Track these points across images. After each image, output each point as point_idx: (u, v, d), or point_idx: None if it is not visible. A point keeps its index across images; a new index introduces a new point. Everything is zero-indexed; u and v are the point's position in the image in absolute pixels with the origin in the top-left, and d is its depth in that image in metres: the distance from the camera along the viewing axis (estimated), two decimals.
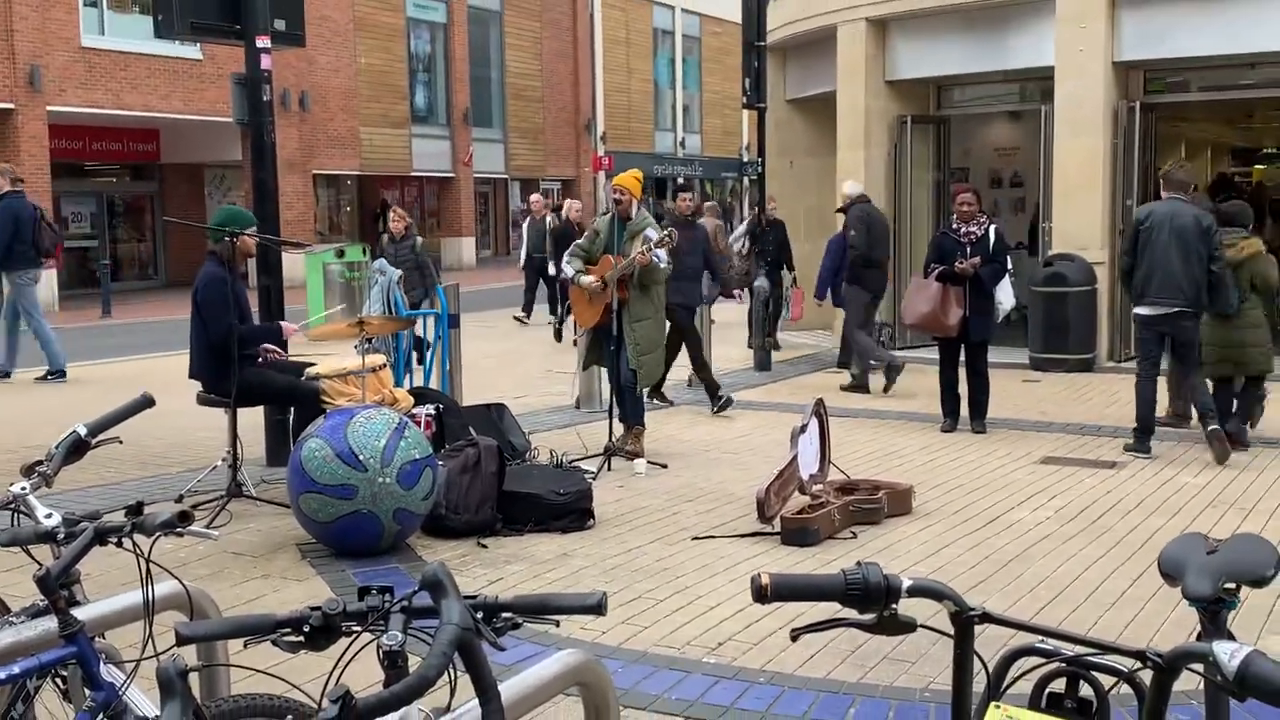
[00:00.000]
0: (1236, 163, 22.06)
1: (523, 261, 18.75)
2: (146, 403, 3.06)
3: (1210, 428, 8.01)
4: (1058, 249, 12.58)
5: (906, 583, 1.68)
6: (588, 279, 8.23)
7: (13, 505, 2.72)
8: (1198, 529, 4.45)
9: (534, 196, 19.86)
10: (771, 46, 14.94)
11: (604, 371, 8.93)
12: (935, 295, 9.08)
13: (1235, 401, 8.68)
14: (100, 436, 2.92)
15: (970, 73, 13.92)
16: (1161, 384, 8.65)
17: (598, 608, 1.88)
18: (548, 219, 17.78)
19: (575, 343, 10.14)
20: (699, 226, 10.96)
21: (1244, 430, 8.57)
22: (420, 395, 7.91)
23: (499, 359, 14.06)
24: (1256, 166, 21.85)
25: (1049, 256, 12.65)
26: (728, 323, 15.60)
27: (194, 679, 2.16)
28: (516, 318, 18.48)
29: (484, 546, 6.22)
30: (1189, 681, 1.90)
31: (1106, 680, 1.79)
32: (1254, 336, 8.46)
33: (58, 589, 2.36)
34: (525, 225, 18.77)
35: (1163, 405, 8.96)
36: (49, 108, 22.94)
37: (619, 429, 8.31)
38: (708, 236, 11.31)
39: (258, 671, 2.21)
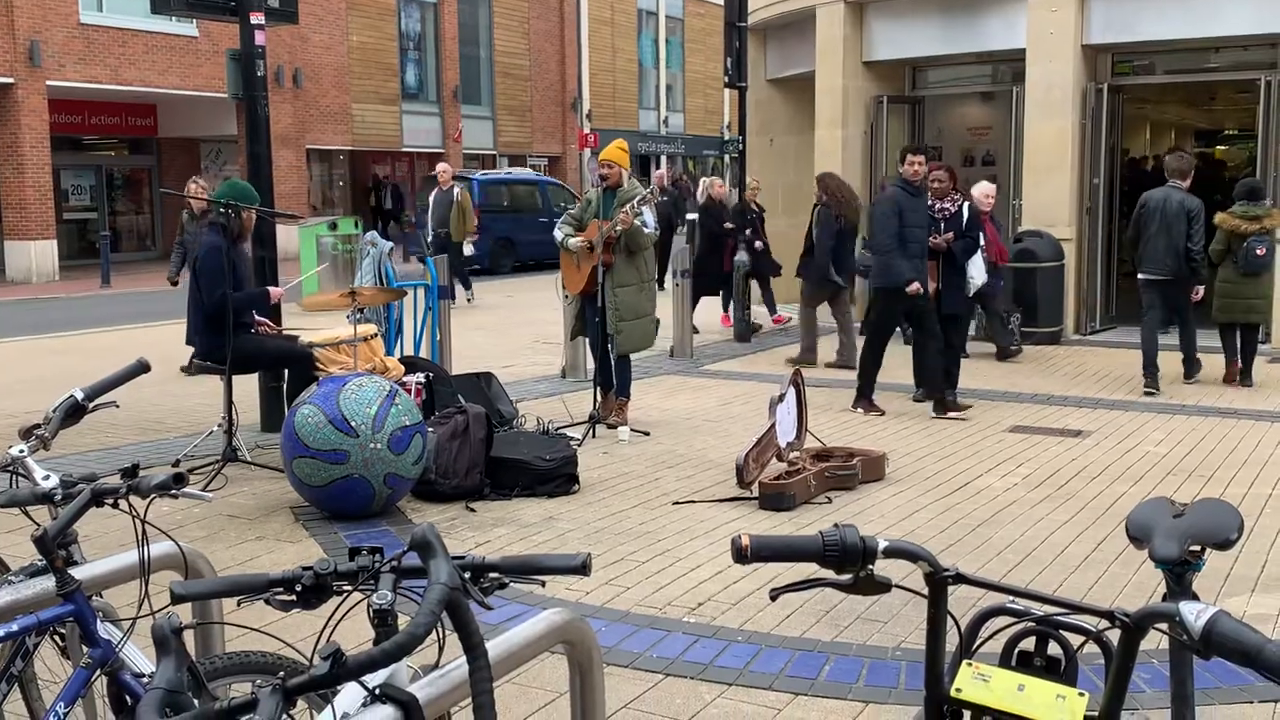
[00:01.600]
0: (1199, 143, 22.08)
1: (430, 239, 15.95)
2: (142, 368, 3.02)
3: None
4: (1027, 225, 12.58)
5: (883, 544, 1.67)
6: (575, 240, 8.18)
7: (11, 467, 2.69)
8: (1160, 495, 4.47)
9: (441, 166, 16.32)
10: (753, 27, 14.84)
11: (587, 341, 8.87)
12: None
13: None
14: (97, 400, 2.89)
15: (945, 54, 13.87)
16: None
17: (582, 568, 1.87)
18: (456, 190, 15.70)
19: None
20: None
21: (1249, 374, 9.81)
22: (410, 364, 7.88)
23: (487, 330, 14.01)
24: (1218, 147, 21.88)
25: (1019, 233, 12.65)
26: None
27: (189, 637, 2.14)
28: (468, 299, 16.73)
29: (472, 510, 6.21)
30: (1151, 641, 1.90)
31: (1075, 639, 1.79)
32: (1262, 291, 9.73)
33: (55, 549, 2.34)
34: (432, 197, 16.03)
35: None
36: (48, 82, 22.68)
37: (600, 398, 8.29)
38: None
39: (251, 630, 2.18)
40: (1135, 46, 12.72)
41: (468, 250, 15.79)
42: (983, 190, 10.61)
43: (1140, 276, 9.65)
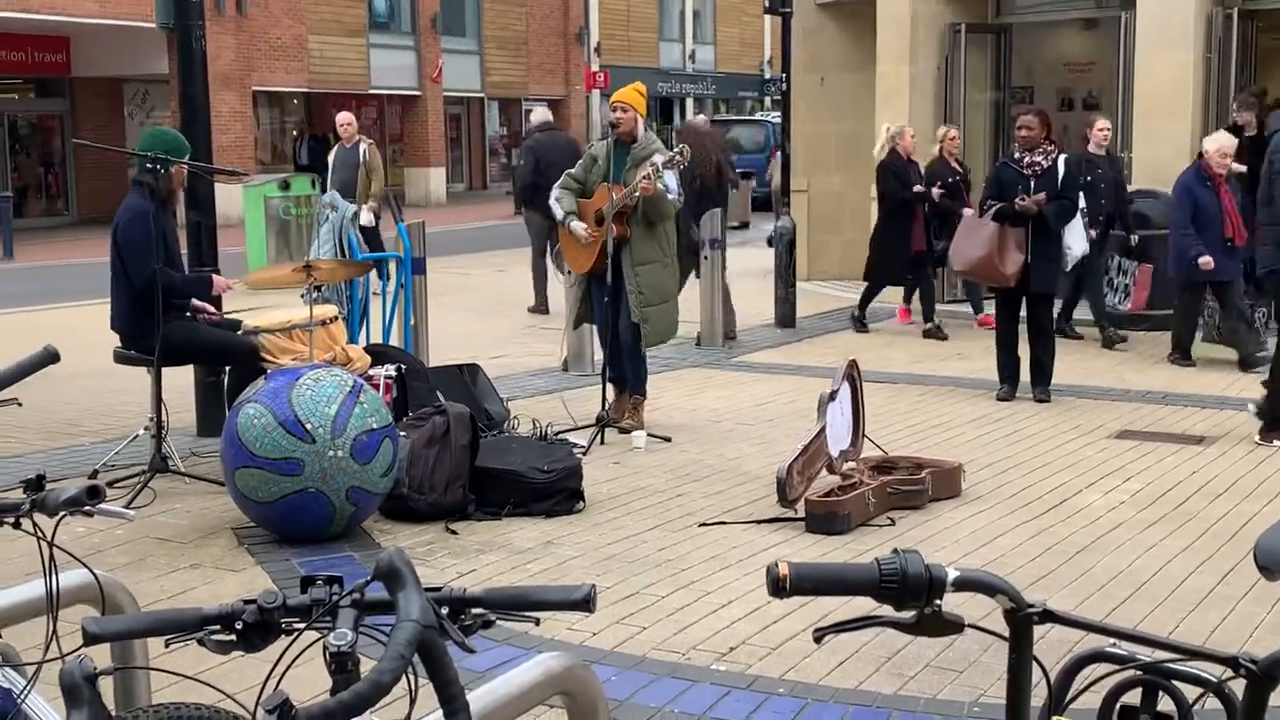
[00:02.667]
0: None
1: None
2: (50, 358, 3.04)
3: None
4: (1139, 184, 12.54)
5: (952, 574, 1.67)
6: (579, 225, 8.15)
7: None
8: None
9: (343, 116, 15.26)
10: None
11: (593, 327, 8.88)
12: (991, 238, 9.03)
13: None
14: None
15: None
16: None
17: (586, 603, 1.88)
18: (363, 147, 14.52)
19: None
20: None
21: None
22: (378, 354, 7.91)
23: (473, 312, 14.06)
24: None
25: (1129, 193, 12.59)
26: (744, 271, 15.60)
27: (106, 685, 2.15)
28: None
29: (453, 533, 6.24)
30: None
31: (1190, 691, 1.79)
32: None
33: None
34: (333, 156, 15.03)
35: None
36: None
37: (612, 396, 8.31)
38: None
39: (182, 677, 2.20)
40: None
41: (365, 219, 13.96)
42: (1217, 147, 10.23)
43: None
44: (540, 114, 15.47)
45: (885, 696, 4.39)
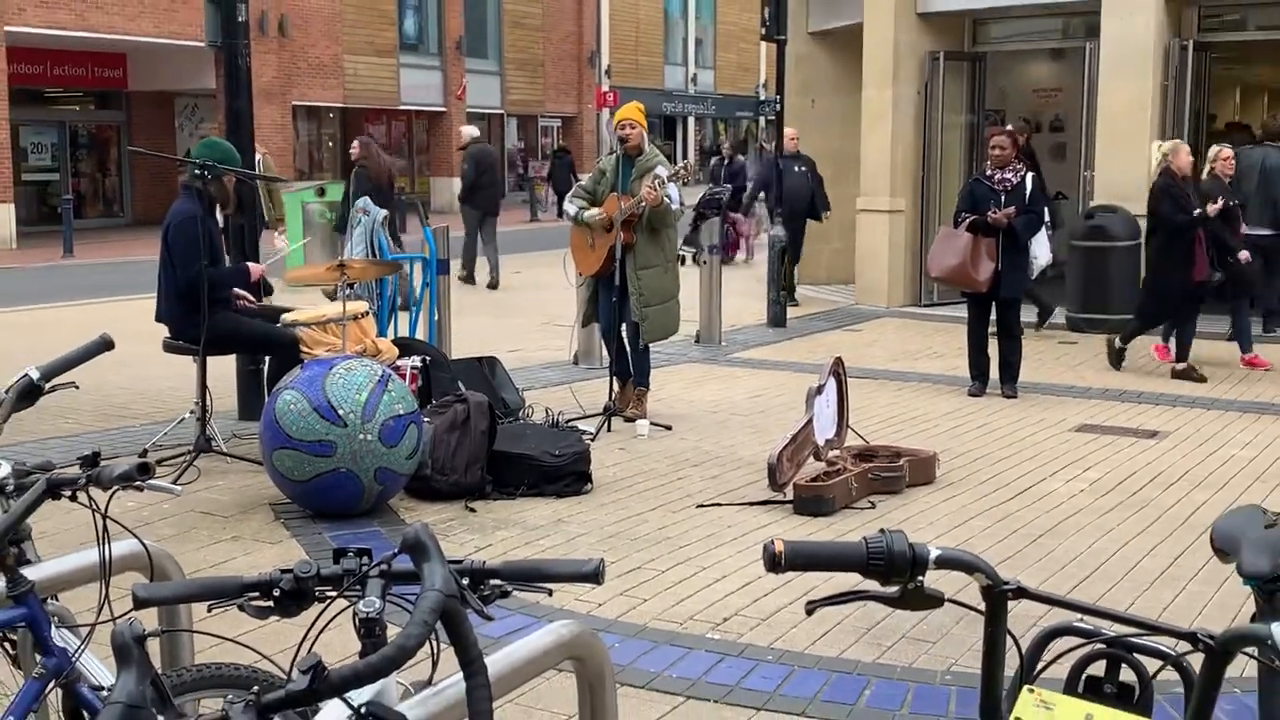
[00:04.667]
0: None
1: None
2: (105, 345, 3.03)
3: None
4: (1100, 200, 12.50)
5: (934, 553, 1.66)
6: (591, 212, 8.14)
7: None
8: (1251, 503, 4.44)
9: (357, 143, 13.74)
10: None
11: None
12: (965, 247, 9.01)
13: None
14: (55, 381, 2.90)
15: (1009, 5, 13.78)
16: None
17: (594, 576, 1.86)
18: (257, 158, 11.91)
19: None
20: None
21: None
22: (405, 346, 7.88)
23: (492, 309, 14.03)
24: None
25: (1090, 208, 12.56)
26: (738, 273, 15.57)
27: (153, 646, 2.14)
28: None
29: (472, 510, 6.22)
30: (1237, 667, 1.88)
31: (1151, 664, 1.77)
32: None
33: (6, 545, 2.35)
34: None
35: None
36: (7, 28, 22.81)
37: (618, 388, 8.29)
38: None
39: (222, 639, 2.18)
40: None
41: (279, 243, 11.93)
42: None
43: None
44: (469, 131, 17.78)
45: (865, 664, 4.37)
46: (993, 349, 9.26)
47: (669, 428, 8.05)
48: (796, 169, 14.03)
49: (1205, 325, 10.87)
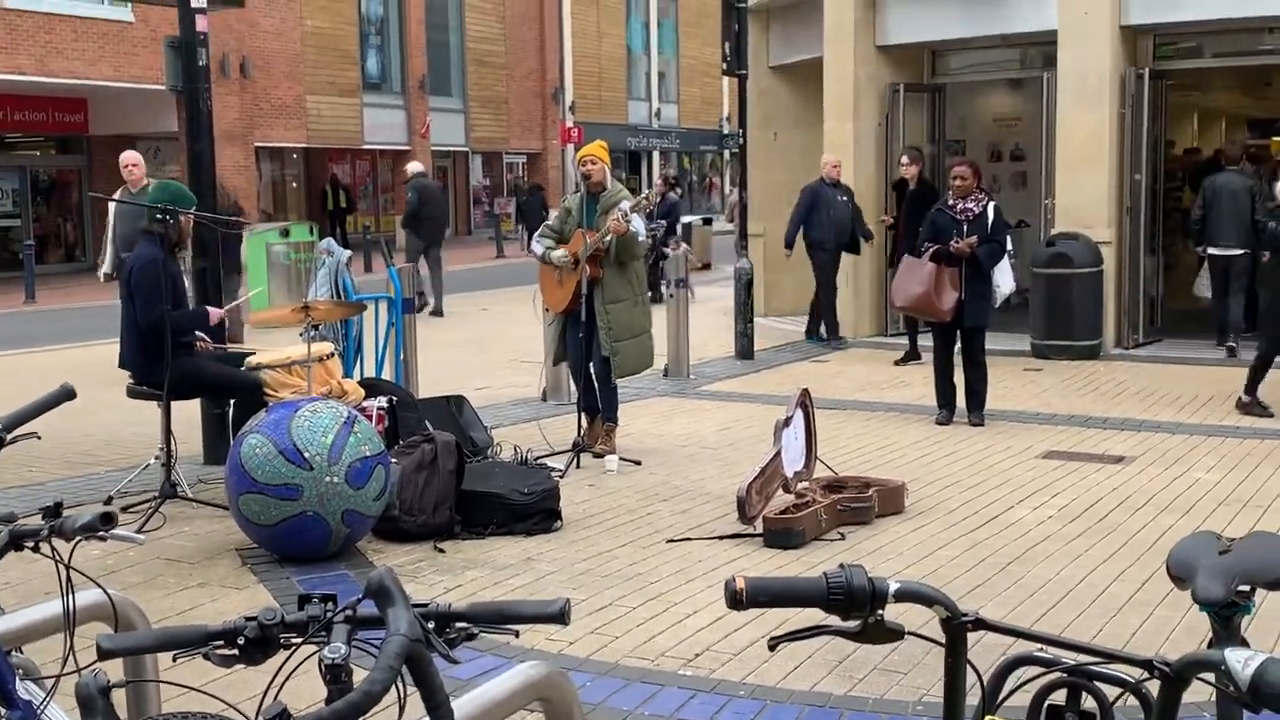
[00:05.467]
0: (1253, 134, 22.17)
1: (108, 268, 11.75)
2: (66, 395, 3.02)
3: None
4: (1061, 227, 12.64)
5: (893, 586, 1.68)
6: (558, 252, 8.18)
7: None
8: (1211, 528, 4.48)
9: (128, 155, 11.85)
10: (754, 9, 14.94)
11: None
12: (928, 276, 9.09)
13: None
14: (17, 431, 2.88)
15: (967, 37, 13.94)
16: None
17: (560, 616, 1.87)
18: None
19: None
20: None
21: None
22: (371, 387, 7.88)
23: (459, 348, 14.02)
24: (1275, 139, 21.98)
25: (1052, 236, 12.70)
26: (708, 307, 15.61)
27: (119, 697, 2.13)
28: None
29: (441, 551, 6.20)
30: (1200, 692, 1.91)
31: (1111, 691, 1.79)
32: None
33: None
34: (112, 207, 11.97)
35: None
36: None
37: (586, 424, 8.30)
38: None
39: (190, 689, 2.18)
40: (1180, 27, 12.79)
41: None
42: None
43: (1211, 252, 12.10)
44: (415, 166, 19.56)
45: (837, 697, 4.38)
46: (958, 377, 9.33)
47: (638, 463, 8.06)
48: (840, 198, 13.14)
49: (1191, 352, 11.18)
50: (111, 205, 11.90)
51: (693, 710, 4.29)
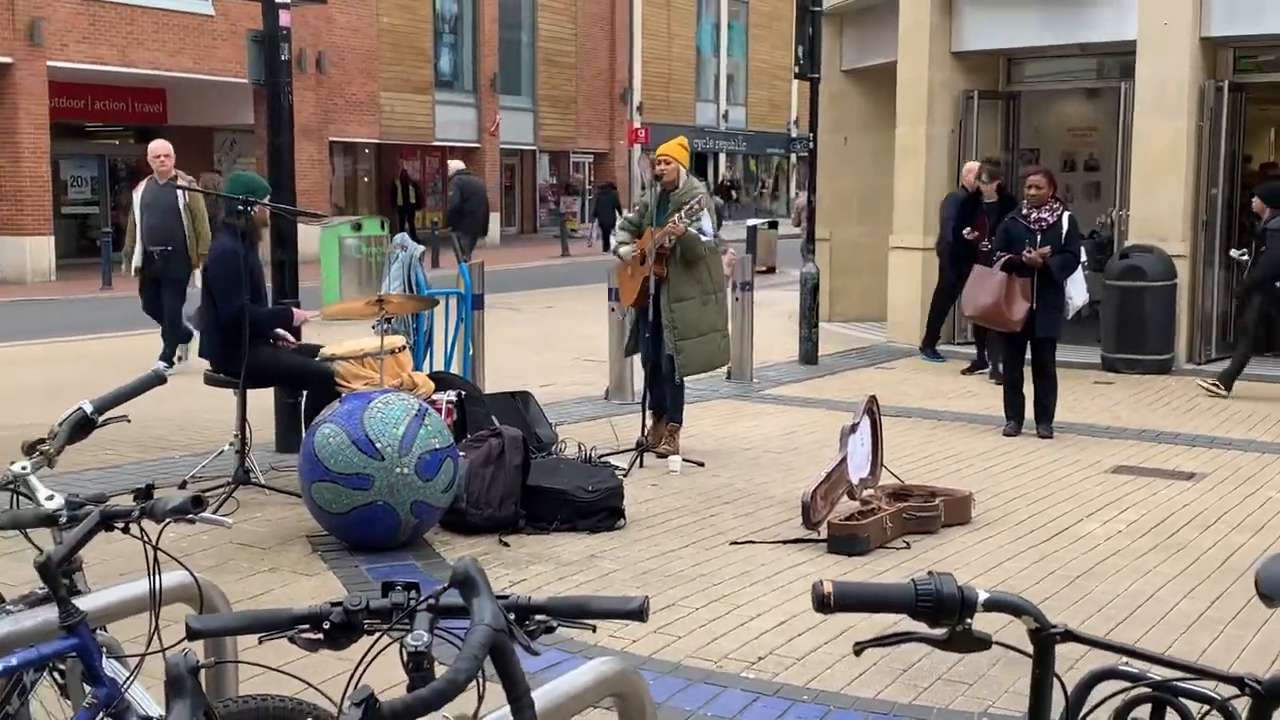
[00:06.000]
0: None
1: (138, 262, 11.48)
2: (157, 380, 3.08)
3: None
4: (1135, 239, 12.47)
5: (983, 595, 1.67)
6: (626, 249, 8.29)
7: (12, 485, 2.74)
8: None
9: (157, 145, 11.53)
10: (828, 12, 14.83)
11: (639, 359, 8.86)
12: (999, 286, 8.99)
13: None
14: (107, 414, 2.94)
15: (1044, 45, 13.78)
16: None
17: (639, 613, 1.88)
18: (180, 188, 10.93)
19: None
20: None
21: None
22: (441, 381, 7.93)
23: (525, 344, 14.09)
24: None
25: (1125, 248, 12.53)
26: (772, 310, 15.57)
27: (202, 677, 2.17)
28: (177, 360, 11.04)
29: (506, 545, 6.24)
30: None
31: (1196, 708, 1.77)
32: None
33: (59, 576, 2.38)
34: (138, 196, 11.57)
35: None
36: (49, 63, 23.13)
37: (651, 422, 8.31)
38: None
39: (271, 670, 2.21)
40: (1262, 40, 12.58)
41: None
42: None
43: None
44: (455, 165, 20.91)
45: (902, 705, 4.36)
46: (1028, 389, 9.23)
47: (701, 464, 8.05)
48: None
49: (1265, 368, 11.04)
50: (136, 196, 11.69)
51: (756, 713, 4.28)
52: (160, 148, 11.35)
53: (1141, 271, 12.05)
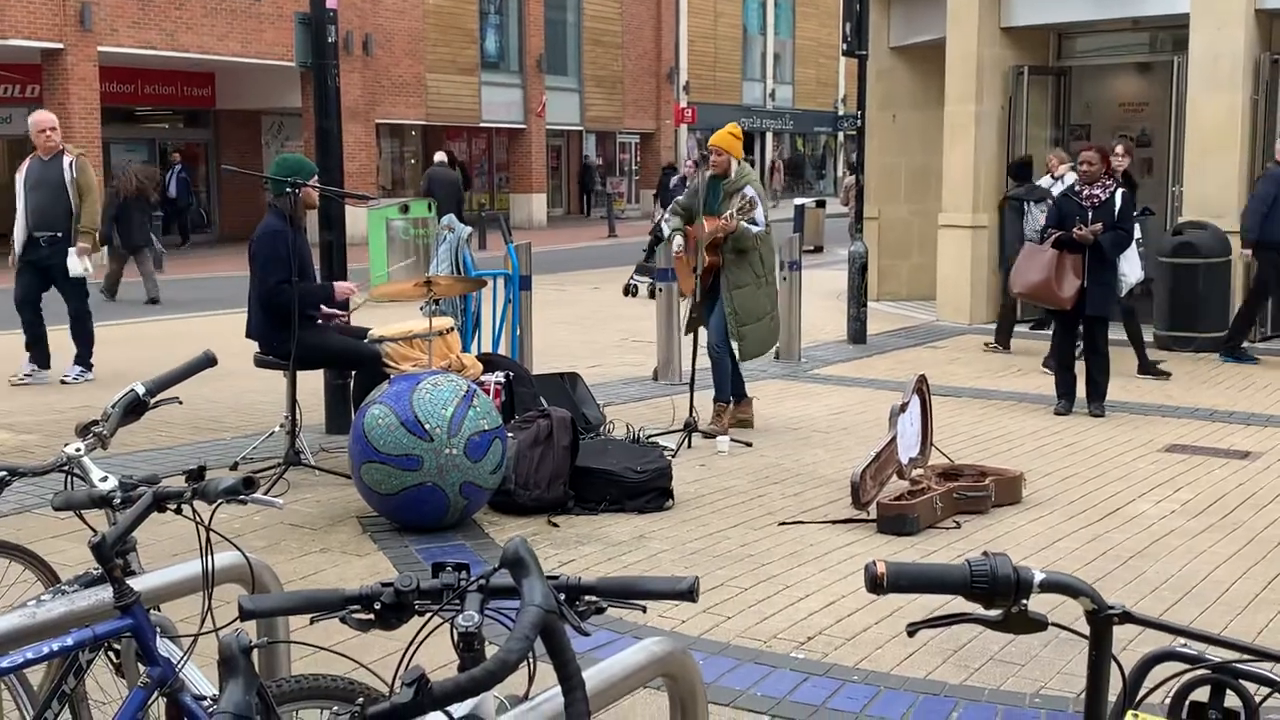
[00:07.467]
0: None
1: (18, 249, 10.15)
2: (208, 361, 3.09)
3: None
4: (1189, 216, 12.29)
5: (1039, 576, 1.64)
6: (677, 241, 8.35)
7: (67, 467, 2.77)
8: None
9: (38, 116, 10.41)
10: None
11: (688, 340, 8.83)
12: (1049, 263, 8.89)
13: None
14: (159, 396, 2.96)
15: (1095, 20, 13.61)
16: None
17: (690, 594, 1.87)
18: (67, 160, 10.03)
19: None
20: None
21: None
22: (489, 362, 7.95)
23: (572, 325, 14.10)
24: None
25: (1179, 224, 12.36)
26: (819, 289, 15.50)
27: (254, 656, 2.18)
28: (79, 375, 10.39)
29: (555, 525, 6.25)
30: None
31: (1256, 690, 1.74)
32: None
33: (114, 557, 2.40)
34: (22, 175, 10.19)
35: None
36: (100, 48, 23.37)
37: (723, 407, 8.35)
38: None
39: (323, 650, 2.22)
40: None
41: (75, 269, 9.97)
42: None
43: None
44: (439, 156, 21.12)
45: (952, 686, 4.33)
46: (1079, 367, 9.14)
47: (749, 444, 8.03)
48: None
49: None
50: (20, 176, 10.15)
51: (805, 693, 4.27)
52: (44, 120, 10.24)
53: (1195, 248, 11.88)
